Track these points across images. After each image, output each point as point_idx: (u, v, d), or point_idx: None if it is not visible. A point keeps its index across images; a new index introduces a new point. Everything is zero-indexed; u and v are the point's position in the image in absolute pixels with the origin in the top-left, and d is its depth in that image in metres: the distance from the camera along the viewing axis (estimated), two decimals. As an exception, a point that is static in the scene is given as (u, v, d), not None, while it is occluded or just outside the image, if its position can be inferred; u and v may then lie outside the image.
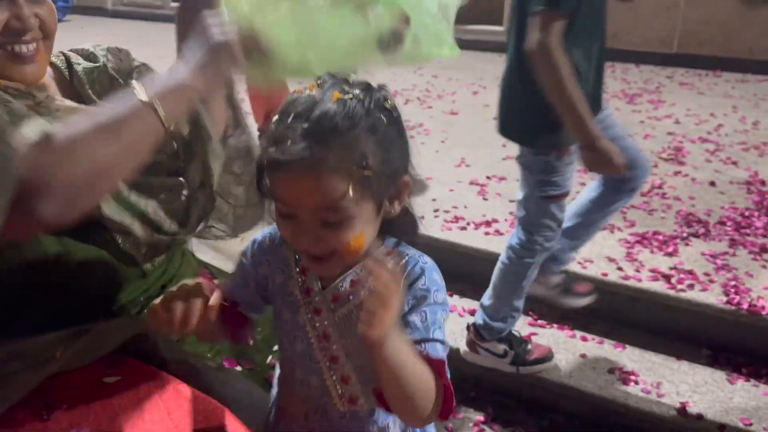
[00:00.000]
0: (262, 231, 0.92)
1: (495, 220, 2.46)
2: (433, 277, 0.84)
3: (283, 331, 0.90)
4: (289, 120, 0.75)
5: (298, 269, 0.88)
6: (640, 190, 2.00)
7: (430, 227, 2.42)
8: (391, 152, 0.78)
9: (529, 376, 1.89)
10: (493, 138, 3.43)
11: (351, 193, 0.75)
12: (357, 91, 0.77)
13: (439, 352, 0.80)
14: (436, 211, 2.51)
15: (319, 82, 0.79)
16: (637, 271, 2.12)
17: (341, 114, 0.75)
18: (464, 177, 2.88)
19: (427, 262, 0.85)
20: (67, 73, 1.07)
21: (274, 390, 0.98)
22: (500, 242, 2.31)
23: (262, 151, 0.78)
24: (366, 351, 0.78)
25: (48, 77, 1.04)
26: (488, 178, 2.86)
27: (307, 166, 0.73)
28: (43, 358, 0.90)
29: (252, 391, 1.03)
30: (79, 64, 1.08)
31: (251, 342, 0.97)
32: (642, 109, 3.90)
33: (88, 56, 1.11)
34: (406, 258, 0.84)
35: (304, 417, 0.92)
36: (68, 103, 0.98)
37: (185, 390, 0.93)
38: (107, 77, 1.09)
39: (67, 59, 1.08)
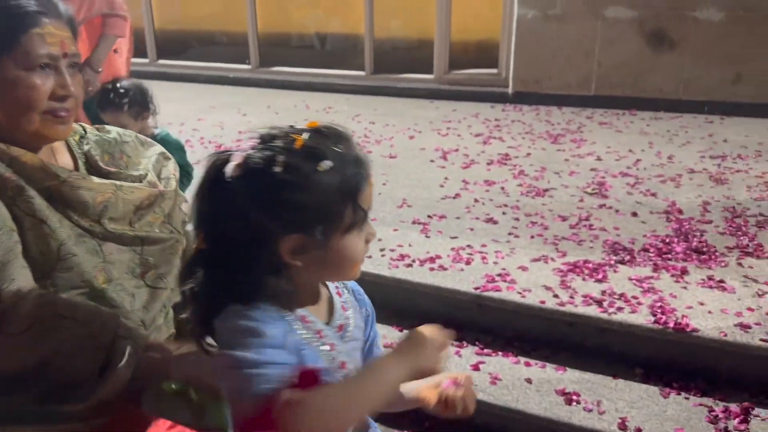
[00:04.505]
0: (256, 331, 0.84)
1: (438, 257, 2.57)
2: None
3: None
4: (346, 146, 0.86)
5: (302, 323, 0.90)
6: None
7: (378, 266, 2.52)
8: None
9: (478, 402, 1.98)
10: (430, 179, 3.61)
11: None
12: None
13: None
14: (382, 250, 2.61)
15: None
16: (572, 297, 2.26)
17: None
18: (407, 217, 2.99)
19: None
20: (79, 138, 1.21)
21: None
22: (444, 277, 2.43)
23: (347, 182, 0.84)
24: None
25: (62, 144, 1.17)
26: (429, 217, 2.99)
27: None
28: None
29: None
30: (94, 132, 1.23)
31: None
32: (566, 148, 4.15)
33: (102, 129, 1.26)
34: None
35: None
36: (96, 180, 1.11)
37: None
38: (117, 150, 1.24)
39: (83, 127, 1.23)
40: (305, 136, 0.83)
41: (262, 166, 0.80)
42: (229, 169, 0.81)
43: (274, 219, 0.81)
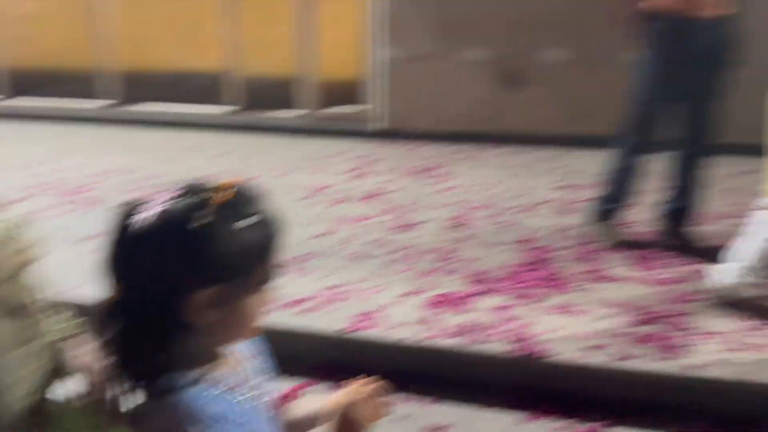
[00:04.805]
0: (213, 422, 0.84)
1: (309, 297, 2.55)
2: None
3: None
4: (263, 205, 0.89)
5: (238, 390, 0.91)
6: None
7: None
8: None
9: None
10: (302, 217, 3.58)
11: None
12: None
13: None
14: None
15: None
16: (440, 330, 2.32)
17: None
18: (276, 258, 2.94)
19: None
20: None
21: None
22: (314, 318, 2.41)
23: (264, 240, 0.86)
24: None
25: None
26: (300, 256, 2.95)
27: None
28: None
29: None
30: None
31: None
32: (433, 183, 4.30)
33: None
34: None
35: None
36: None
37: None
38: None
39: None
40: (226, 192, 0.85)
41: (182, 219, 0.81)
42: (147, 219, 0.81)
43: (189, 272, 0.81)
